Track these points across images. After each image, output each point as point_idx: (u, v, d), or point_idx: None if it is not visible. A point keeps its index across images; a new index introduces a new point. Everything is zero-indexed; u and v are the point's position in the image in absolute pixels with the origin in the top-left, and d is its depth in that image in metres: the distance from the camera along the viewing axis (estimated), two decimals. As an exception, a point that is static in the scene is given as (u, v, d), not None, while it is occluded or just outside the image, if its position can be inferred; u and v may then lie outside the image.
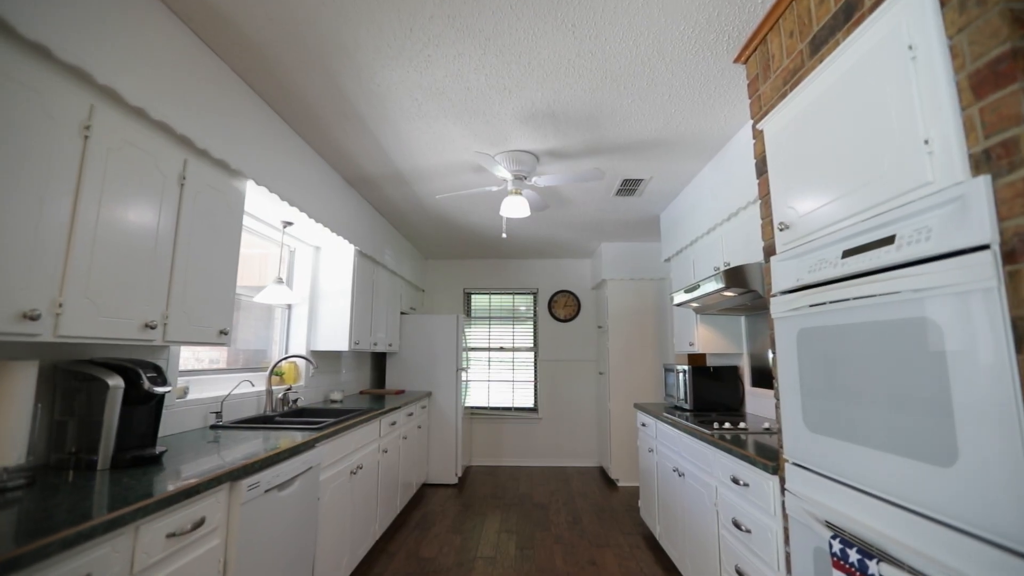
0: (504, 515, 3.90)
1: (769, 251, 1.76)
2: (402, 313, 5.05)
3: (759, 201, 2.31)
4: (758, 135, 1.83)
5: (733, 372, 3.23)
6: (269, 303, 3.05)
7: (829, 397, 1.39)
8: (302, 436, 2.16)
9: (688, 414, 3.06)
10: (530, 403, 5.83)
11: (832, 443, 1.37)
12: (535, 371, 5.87)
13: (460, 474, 4.78)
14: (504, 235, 3.24)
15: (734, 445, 2.02)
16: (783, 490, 1.62)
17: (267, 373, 2.85)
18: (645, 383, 4.91)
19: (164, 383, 1.71)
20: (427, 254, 5.84)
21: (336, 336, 3.54)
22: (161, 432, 2.09)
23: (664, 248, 4.05)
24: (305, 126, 2.56)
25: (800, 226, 1.54)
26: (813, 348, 1.45)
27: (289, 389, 3.07)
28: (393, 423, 3.48)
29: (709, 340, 3.31)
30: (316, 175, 2.86)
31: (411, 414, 4.05)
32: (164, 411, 2.10)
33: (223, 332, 2.02)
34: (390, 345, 4.54)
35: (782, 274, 1.61)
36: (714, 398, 3.20)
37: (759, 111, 1.83)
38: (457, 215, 4.20)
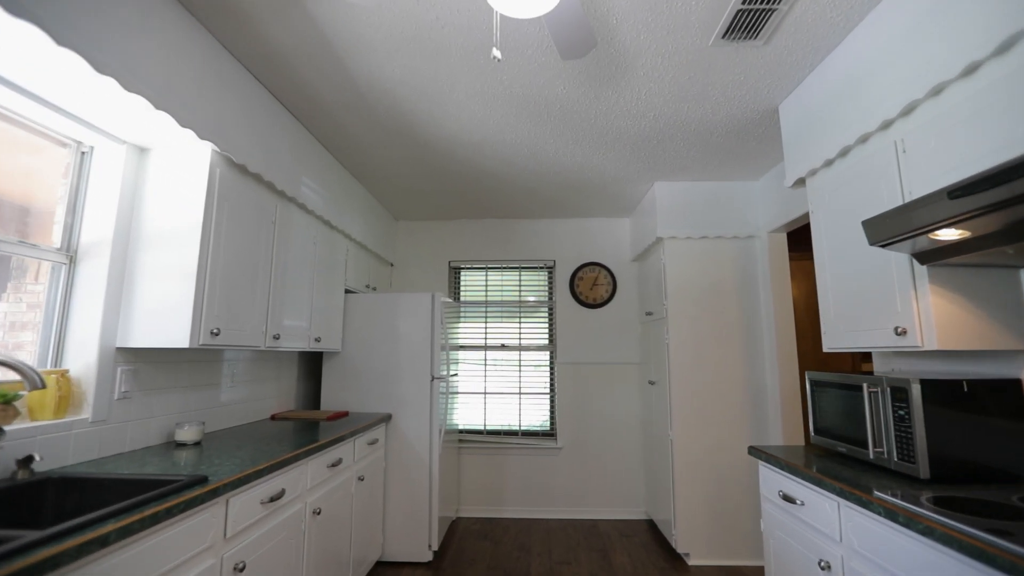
0: (506, 648, 2.12)
1: None
2: (347, 291, 3.28)
3: None
4: None
5: (1012, 392, 1.44)
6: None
7: None
8: None
9: (925, 489, 1.28)
10: (545, 424, 4.04)
11: None
12: (551, 378, 4.08)
13: (436, 546, 2.98)
14: (496, 54, 1.39)
15: None
16: None
17: None
18: (729, 399, 3.10)
19: None
20: (396, 212, 4.07)
21: (168, 319, 1.77)
22: None
23: (791, 163, 2.25)
24: None
25: None
26: None
27: (-7, 438, 1.31)
28: (276, 496, 1.71)
29: (954, 321, 1.50)
30: None
31: (337, 463, 2.27)
32: None
33: None
34: (318, 340, 2.76)
35: None
36: (969, 453, 1.41)
37: None
38: (419, 111, 2.41)
